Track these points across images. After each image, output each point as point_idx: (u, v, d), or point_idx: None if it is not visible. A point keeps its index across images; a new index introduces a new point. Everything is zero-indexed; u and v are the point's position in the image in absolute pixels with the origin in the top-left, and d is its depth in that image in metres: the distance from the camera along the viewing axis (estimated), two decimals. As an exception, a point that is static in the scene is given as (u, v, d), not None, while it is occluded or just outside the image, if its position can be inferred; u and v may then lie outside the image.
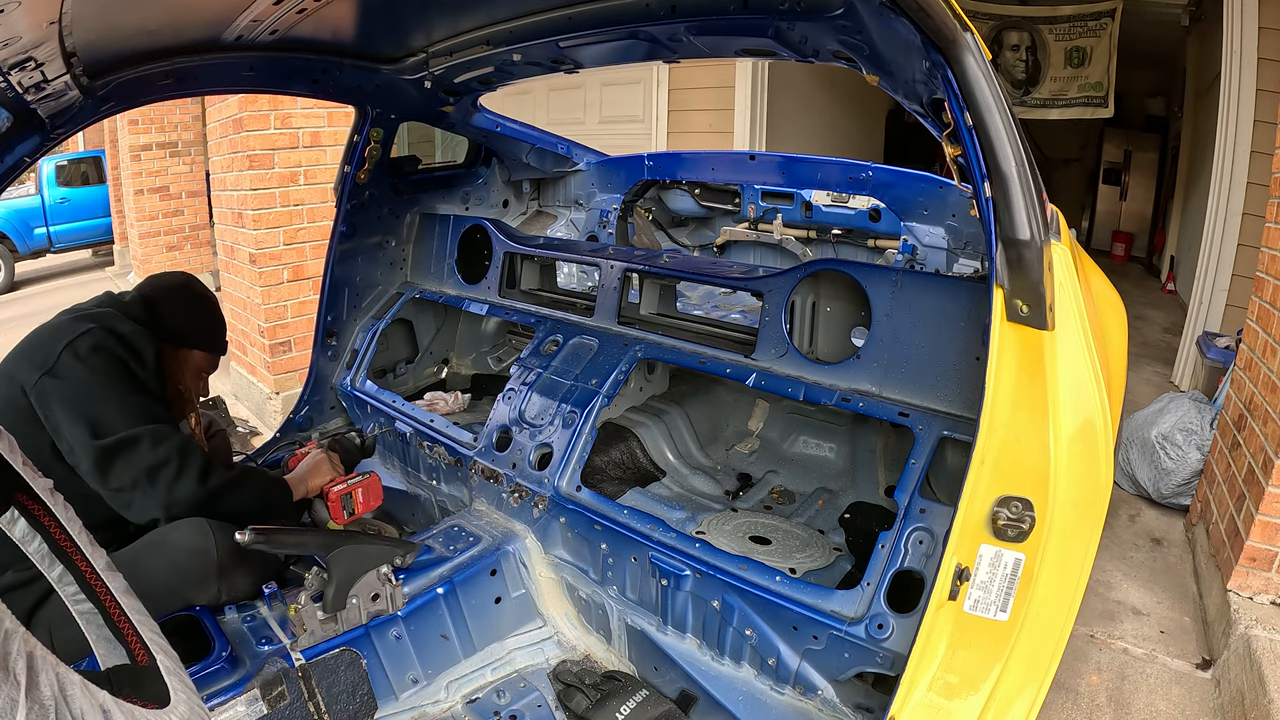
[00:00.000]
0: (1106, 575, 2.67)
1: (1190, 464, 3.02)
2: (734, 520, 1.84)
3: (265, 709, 1.35)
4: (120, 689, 0.71)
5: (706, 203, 3.03)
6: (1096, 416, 1.17)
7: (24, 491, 0.88)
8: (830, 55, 1.45)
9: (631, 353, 1.89)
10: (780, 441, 2.27)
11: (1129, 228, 10.19)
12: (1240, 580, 2.31)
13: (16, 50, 0.98)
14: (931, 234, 2.35)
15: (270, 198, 3.81)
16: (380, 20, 1.70)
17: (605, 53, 1.75)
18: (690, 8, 1.47)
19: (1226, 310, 4.22)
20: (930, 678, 1.15)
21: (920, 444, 1.39)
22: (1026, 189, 1.10)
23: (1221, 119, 4.12)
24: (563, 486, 1.74)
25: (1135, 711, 2.06)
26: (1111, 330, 1.90)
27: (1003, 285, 1.14)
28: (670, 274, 1.97)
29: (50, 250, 10.30)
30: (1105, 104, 6.35)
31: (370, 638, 1.53)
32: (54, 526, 0.90)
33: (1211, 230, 4.26)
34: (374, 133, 2.23)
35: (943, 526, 1.28)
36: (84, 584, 0.91)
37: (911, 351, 1.48)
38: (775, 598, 1.38)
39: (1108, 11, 6.08)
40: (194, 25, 1.41)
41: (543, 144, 2.67)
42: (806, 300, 1.71)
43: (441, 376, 2.82)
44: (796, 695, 1.43)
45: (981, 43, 1.09)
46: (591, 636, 1.78)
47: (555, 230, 2.97)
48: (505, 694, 1.64)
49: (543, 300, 2.28)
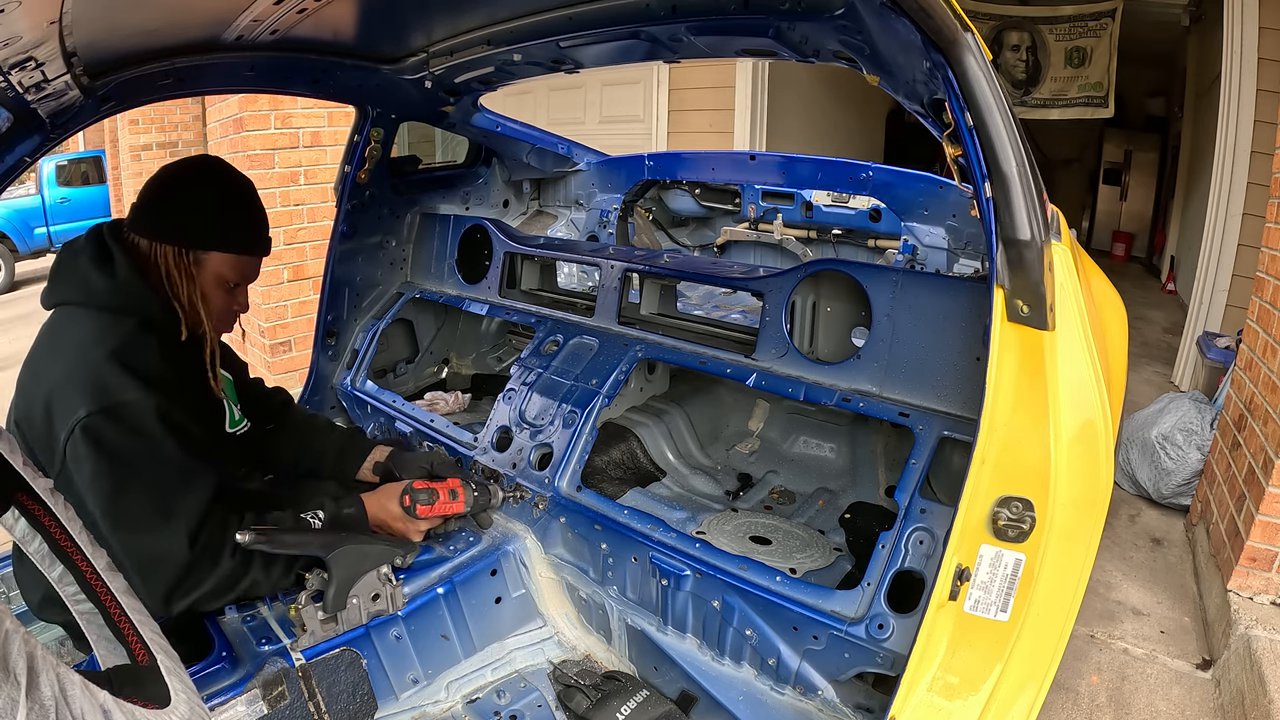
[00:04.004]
0: (1106, 575, 2.67)
1: (1190, 464, 3.02)
2: (734, 520, 1.84)
3: (265, 709, 1.35)
4: (121, 689, 0.71)
5: (707, 203, 3.03)
6: (1097, 417, 1.17)
7: (24, 491, 0.88)
8: (831, 55, 1.45)
9: (632, 353, 1.89)
10: (780, 442, 2.27)
11: (1129, 228, 10.20)
12: (1240, 580, 2.31)
13: (17, 50, 0.98)
14: (932, 234, 2.35)
15: (270, 198, 3.81)
16: (381, 20, 1.70)
17: (606, 53, 1.75)
18: (691, 8, 1.47)
19: (1227, 310, 4.22)
20: (930, 678, 1.15)
21: (920, 444, 1.39)
22: (1027, 189, 1.10)
23: (1221, 119, 4.12)
24: (563, 486, 1.74)
25: (1135, 712, 2.06)
26: (1112, 330, 1.90)
27: (1003, 285, 1.14)
28: (670, 274, 1.97)
29: (50, 250, 10.31)
30: (1105, 104, 6.36)
31: (370, 638, 1.53)
32: (54, 526, 0.90)
33: (1212, 230, 4.26)
34: (374, 133, 2.23)
35: (943, 527, 1.28)
36: (84, 584, 0.91)
37: (912, 352, 1.48)
38: (775, 598, 1.38)
39: (1108, 11, 6.08)
40: (194, 25, 1.41)
41: (543, 144, 2.67)
42: (807, 300, 1.71)
43: (442, 376, 2.82)
44: (797, 695, 1.43)
45: (982, 43, 1.09)
46: (592, 636, 1.78)
47: (555, 230, 2.97)
48: (505, 694, 1.64)
49: (543, 300, 2.28)
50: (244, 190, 1.60)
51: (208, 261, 1.50)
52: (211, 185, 1.55)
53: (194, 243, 1.49)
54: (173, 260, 1.47)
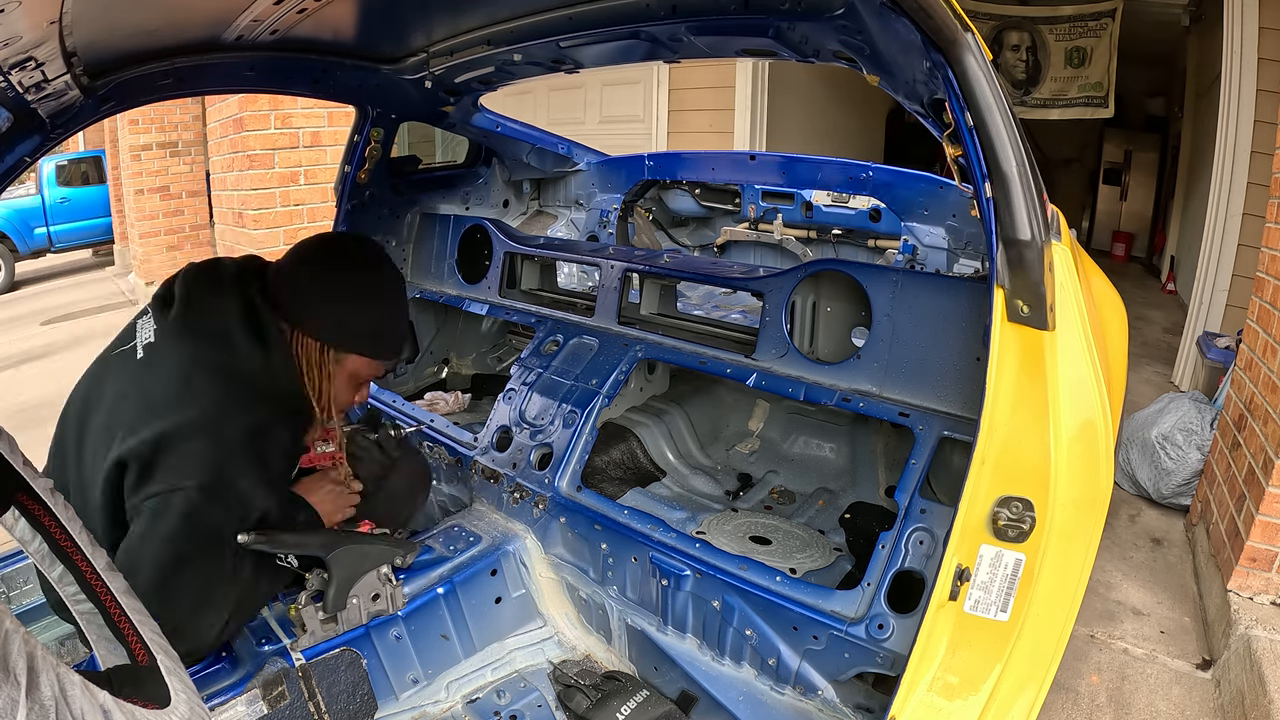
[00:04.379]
0: (1106, 575, 2.67)
1: (1190, 464, 3.02)
2: (734, 520, 1.84)
3: (265, 709, 1.35)
4: (121, 689, 0.71)
5: (707, 203, 3.03)
6: (1097, 417, 1.17)
7: (24, 491, 0.88)
8: (831, 55, 1.45)
9: (632, 353, 1.89)
10: (780, 441, 2.27)
11: (1129, 228, 10.20)
12: (1240, 580, 2.31)
13: (17, 50, 0.98)
14: (932, 234, 2.35)
15: (270, 198, 3.81)
16: (381, 20, 1.70)
17: (606, 53, 1.75)
18: (691, 8, 1.47)
19: (1227, 310, 4.22)
20: (930, 678, 1.15)
21: (920, 444, 1.39)
22: (1027, 189, 1.10)
23: (1221, 119, 4.12)
24: (563, 486, 1.74)
25: (1135, 712, 2.06)
26: (1112, 330, 1.90)
27: (1003, 285, 1.14)
28: (670, 274, 1.97)
29: (50, 250, 10.32)
30: (1105, 104, 6.36)
31: (370, 638, 1.53)
32: (54, 526, 0.90)
33: (1212, 230, 4.26)
34: (374, 132, 2.23)
35: (943, 527, 1.28)
36: (84, 584, 0.91)
37: (912, 352, 1.48)
38: (775, 598, 1.38)
39: (1108, 11, 6.08)
40: (194, 25, 1.41)
41: (543, 144, 2.67)
42: (807, 300, 1.71)
43: (442, 376, 2.82)
44: (797, 695, 1.43)
45: (982, 43, 1.09)
46: (592, 636, 1.78)
47: (555, 230, 2.97)
48: (505, 694, 1.64)
49: (543, 300, 2.28)
50: (398, 290, 1.52)
51: (347, 361, 1.45)
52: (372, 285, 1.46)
53: (342, 345, 1.43)
54: (316, 355, 1.42)
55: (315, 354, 1.41)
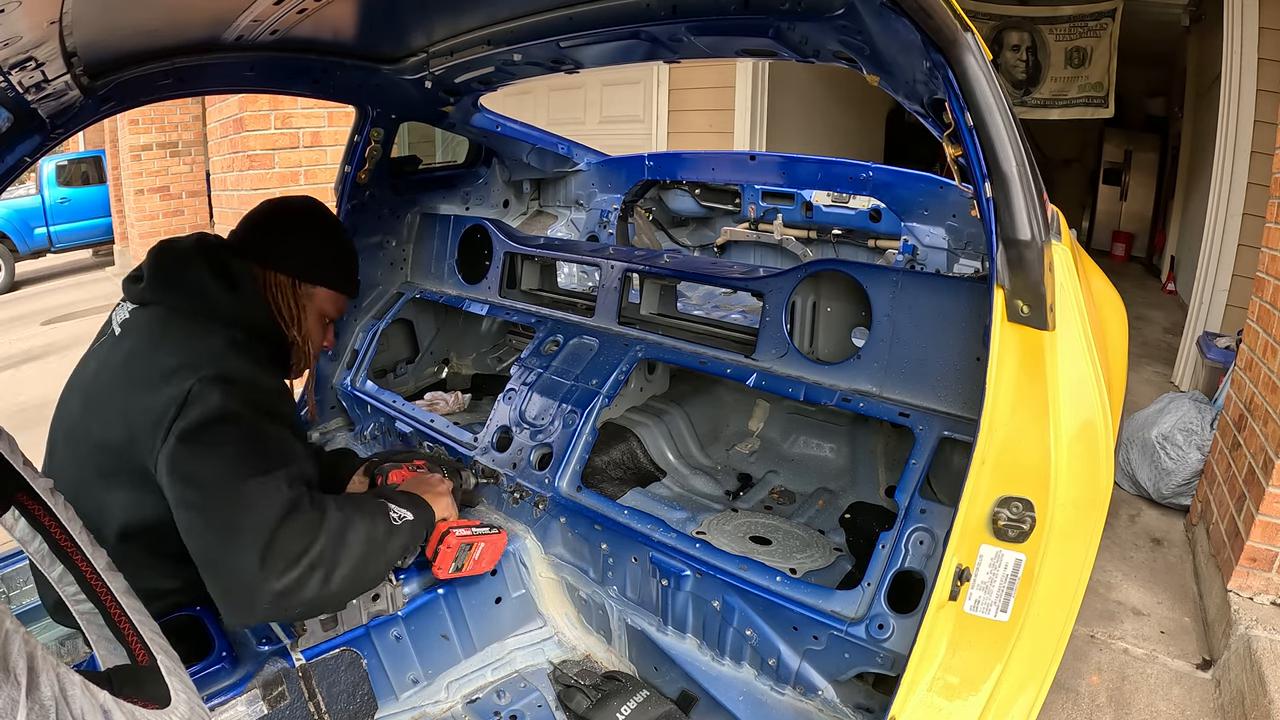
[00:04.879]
0: (1106, 575, 2.67)
1: (1190, 464, 3.02)
2: (734, 520, 1.84)
3: (265, 709, 1.35)
4: (121, 689, 0.71)
5: (707, 203, 3.03)
6: (1097, 417, 1.17)
7: (24, 491, 0.88)
8: (831, 55, 1.45)
9: (632, 353, 1.89)
10: (780, 442, 2.27)
11: (1129, 228, 10.21)
12: (1240, 580, 2.31)
13: (17, 50, 0.98)
14: (932, 234, 2.35)
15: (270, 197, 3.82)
16: (381, 20, 1.70)
17: (606, 53, 1.75)
18: (691, 8, 1.47)
19: (1227, 310, 4.22)
20: (930, 678, 1.15)
21: (920, 444, 1.39)
22: (1027, 189, 1.10)
23: (1221, 119, 4.13)
24: (563, 486, 1.74)
25: (1135, 712, 2.06)
26: (1112, 330, 1.90)
27: (1003, 285, 1.14)
28: (670, 274, 1.97)
29: (50, 250, 10.32)
30: (1105, 104, 6.36)
31: (370, 638, 1.53)
32: (54, 526, 0.90)
33: (1212, 230, 4.26)
34: (374, 133, 2.23)
35: (943, 527, 1.28)
36: (84, 584, 0.91)
37: (912, 352, 1.48)
38: (775, 598, 1.38)
39: (1108, 12, 6.09)
40: (194, 25, 1.41)
41: (543, 144, 2.67)
42: (807, 300, 1.71)
43: (442, 376, 2.82)
44: (797, 695, 1.43)
45: (982, 43, 1.09)
46: (592, 636, 1.78)
47: (555, 230, 2.97)
48: (505, 694, 1.64)
49: (543, 300, 2.28)
50: (346, 233, 1.70)
51: (315, 295, 1.57)
52: (323, 224, 1.63)
53: (307, 275, 1.55)
54: (289, 290, 1.53)
55: (287, 289, 1.53)
